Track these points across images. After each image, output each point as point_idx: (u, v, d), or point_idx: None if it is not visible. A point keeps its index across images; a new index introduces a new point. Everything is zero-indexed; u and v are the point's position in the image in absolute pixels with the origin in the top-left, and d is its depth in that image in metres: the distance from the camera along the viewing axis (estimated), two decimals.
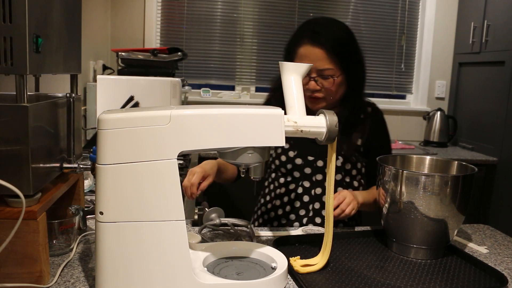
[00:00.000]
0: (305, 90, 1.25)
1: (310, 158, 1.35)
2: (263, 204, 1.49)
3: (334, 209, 1.13)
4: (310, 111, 1.33)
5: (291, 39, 1.33)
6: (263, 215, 1.47)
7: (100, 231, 0.78)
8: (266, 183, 1.50)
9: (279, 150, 1.38)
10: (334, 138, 0.88)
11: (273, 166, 1.42)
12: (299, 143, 1.36)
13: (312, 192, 1.35)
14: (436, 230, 1.03)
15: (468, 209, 1.07)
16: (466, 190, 1.03)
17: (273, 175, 1.44)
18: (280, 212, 1.40)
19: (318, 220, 1.35)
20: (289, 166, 1.36)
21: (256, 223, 1.51)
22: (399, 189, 1.04)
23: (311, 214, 1.35)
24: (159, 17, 3.12)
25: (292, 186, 1.37)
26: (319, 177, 1.35)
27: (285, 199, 1.39)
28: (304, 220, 1.34)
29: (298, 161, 1.35)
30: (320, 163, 1.35)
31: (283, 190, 1.40)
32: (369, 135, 1.37)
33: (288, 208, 1.37)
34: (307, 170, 1.35)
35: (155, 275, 0.79)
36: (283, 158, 1.38)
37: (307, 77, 1.26)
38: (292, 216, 1.36)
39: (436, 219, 1.02)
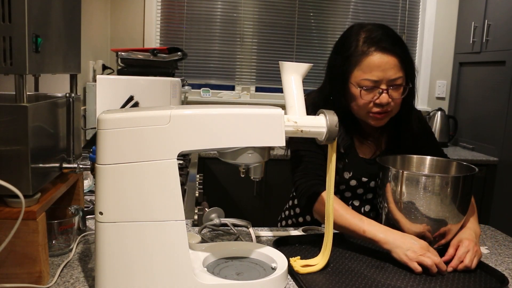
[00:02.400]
0: (372, 106, 1.14)
1: (364, 179, 1.25)
2: (299, 214, 1.43)
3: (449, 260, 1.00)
4: (365, 130, 1.23)
5: (350, 49, 1.15)
6: (296, 218, 1.44)
7: (100, 231, 0.78)
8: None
9: None
10: (334, 138, 0.88)
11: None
12: (353, 163, 1.25)
13: (362, 210, 1.29)
14: (437, 230, 1.03)
15: (469, 209, 1.06)
16: (467, 190, 1.03)
17: None
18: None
19: None
20: (342, 187, 1.27)
21: (284, 223, 1.50)
22: (399, 190, 1.03)
23: None
24: (159, 17, 3.12)
25: None
26: (369, 195, 1.29)
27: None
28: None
29: (353, 182, 1.26)
30: (372, 184, 1.27)
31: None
32: (416, 138, 1.29)
33: None
34: (360, 191, 1.28)
35: (155, 275, 0.79)
36: (336, 177, 1.24)
37: (374, 91, 1.12)
38: None
39: (436, 219, 1.01)
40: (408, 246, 0.99)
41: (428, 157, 1.19)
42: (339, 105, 1.19)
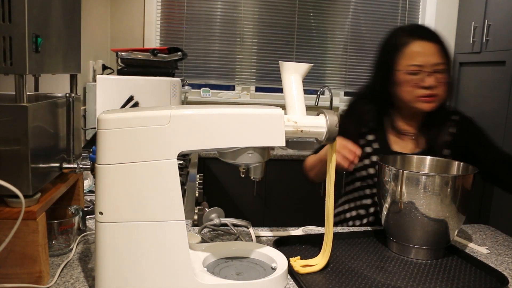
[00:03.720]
0: (420, 89, 1.25)
1: None
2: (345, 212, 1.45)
3: None
4: (412, 117, 1.32)
5: (392, 41, 1.31)
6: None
7: (100, 231, 0.78)
8: (346, 190, 1.47)
9: (367, 162, 1.35)
10: (334, 138, 0.88)
11: (357, 175, 1.38)
12: (384, 154, 1.31)
13: None
14: (437, 230, 1.03)
15: (469, 209, 1.06)
16: (467, 190, 1.03)
17: (357, 183, 1.40)
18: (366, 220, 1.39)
19: None
20: (371, 170, 1.34)
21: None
22: (399, 189, 1.03)
23: None
24: (159, 16, 3.12)
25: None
26: None
27: (371, 210, 1.37)
28: None
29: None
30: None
31: (369, 201, 1.37)
32: (462, 143, 1.33)
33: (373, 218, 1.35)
34: None
35: (155, 275, 0.79)
36: (371, 170, 1.34)
37: (421, 74, 1.25)
38: None
39: (436, 219, 1.01)
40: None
41: (428, 157, 1.19)
42: (384, 94, 1.33)
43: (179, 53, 2.33)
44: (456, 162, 1.15)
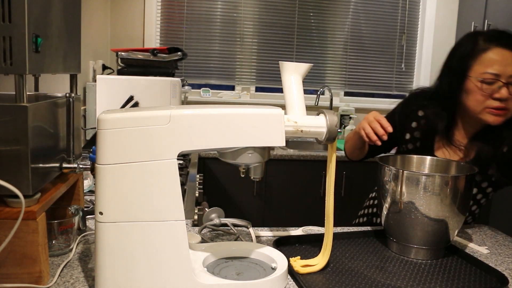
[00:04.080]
0: (491, 100, 1.17)
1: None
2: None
3: None
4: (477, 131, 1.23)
5: (468, 46, 1.21)
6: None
7: (100, 231, 0.78)
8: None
9: None
10: (334, 138, 0.88)
11: None
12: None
13: None
14: (437, 230, 1.03)
15: (469, 209, 1.06)
16: (467, 190, 1.03)
17: None
18: None
19: None
20: None
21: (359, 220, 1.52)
22: (399, 189, 1.03)
23: None
24: (159, 16, 3.12)
25: None
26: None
27: None
28: None
29: None
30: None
31: None
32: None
33: None
34: None
35: (154, 275, 0.79)
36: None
37: (495, 84, 1.15)
38: None
39: (436, 219, 1.01)
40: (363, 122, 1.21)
41: (428, 157, 1.19)
42: (449, 100, 1.26)
43: (179, 53, 2.33)
44: (455, 162, 1.15)
